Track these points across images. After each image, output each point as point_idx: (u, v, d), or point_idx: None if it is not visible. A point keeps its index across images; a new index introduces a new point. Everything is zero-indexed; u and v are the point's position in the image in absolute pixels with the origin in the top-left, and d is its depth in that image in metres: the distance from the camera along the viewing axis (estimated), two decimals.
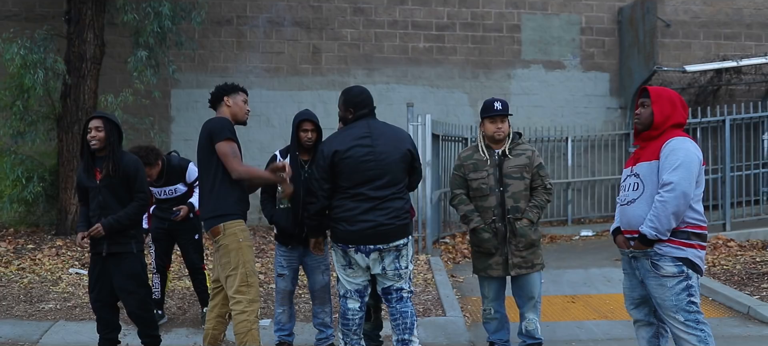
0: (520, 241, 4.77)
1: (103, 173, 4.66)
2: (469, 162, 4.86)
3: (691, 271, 3.85)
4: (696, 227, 3.86)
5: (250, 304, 4.37)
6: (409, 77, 11.37)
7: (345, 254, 4.43)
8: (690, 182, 3.77)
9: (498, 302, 4.95)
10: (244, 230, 4.43)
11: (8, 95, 8.30)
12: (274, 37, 11.12)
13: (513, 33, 11.59)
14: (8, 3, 10.38)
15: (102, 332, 4.85)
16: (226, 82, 4.66)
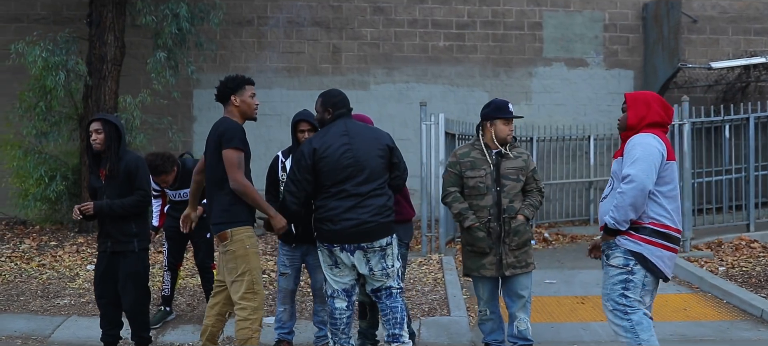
0: (513, 240, 4.76)
1: (106, 172, 4.79)
2: (466, 160, 4.83)
3: (640, 267, 3.88)
4: (659, 225, 3.88)
5: (254, 312, 4.39)
6: (429, 76, 11.36)
7: (330, 253, 4.47)
8: (648, 174, 3.82)
9: (493, 303, 4.94)
10: (251, 237, 4.43)
11: (32, 96, 8.55)
12: (294, 37, 11.22)
13: (534, 31, 11.48)
14: (37, 6, 10.68)
15: (104, 328, 4.99)
16: (229, 76, 4.55)
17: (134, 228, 4.86)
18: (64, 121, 8.91)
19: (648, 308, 4.12)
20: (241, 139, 4.33)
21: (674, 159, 4.00)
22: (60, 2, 10.52)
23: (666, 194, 3.92)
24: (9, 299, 6.67)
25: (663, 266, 3.90)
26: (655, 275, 3.94)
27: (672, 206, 3.93)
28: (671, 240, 3.92)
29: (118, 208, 4.78)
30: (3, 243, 8.64)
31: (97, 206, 4.76)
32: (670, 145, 4.02)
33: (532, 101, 11.48)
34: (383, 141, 4.54)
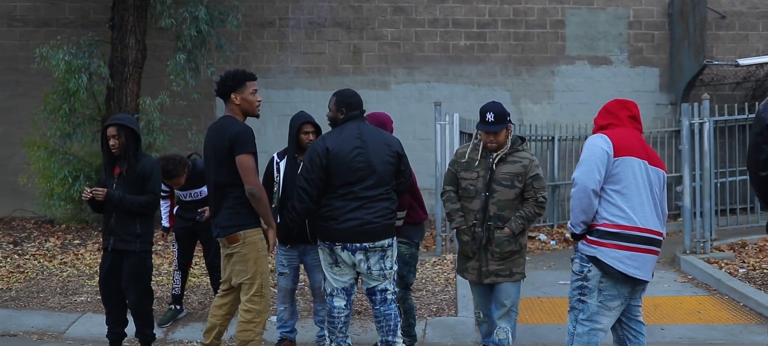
0: (494, 251, 4.54)
1: (122, 171, 4.89)
2: (463, 160, 4.69)
3: (596, 272, 3.81)
4: (612, 225, 3.79)
5: (259, 315, 4.42)
6: (450, 76, 11.32)
7: (331, 252, 4.50)
8: (589, 175, 3.76)
9: (485, 306, 4.79)
10: (262, 239, 4.44)
11: (56, 99, 8.78)
12: (315, 37, 11.29)
13: (557, 29, 11.36)
14: (65, 11, 10.95)
15: (109, 326, 5.11)
16: (229, 72, 4.48)
17: (138, 229, 4.94)
18: (88, 122, 9.13)
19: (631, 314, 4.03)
20: (253, 142, 4.34)
21: (634, 155, 3.82)
22: (87, 6, 10.78)
23: (620, 192, 3.80)
24: (29, 295, 6.87)
25: (623, 266, 3.76)
26: (614, 277, 3.79)
27: (629, 203, 3.79)
28: (628, 239, 3.77)
29: (129, 203, 4.87)
30: (30, 241, 8.90)
31: (110, 194, 4.83)
32: (628, 141, 3.85)
33: (554, 100, 11.36)
34: (393, 148, 4.58)
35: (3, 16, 11.00)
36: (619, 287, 3.83)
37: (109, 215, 4.92)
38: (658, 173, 3.95)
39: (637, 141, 3.91)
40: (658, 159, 4.02)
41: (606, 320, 3.88)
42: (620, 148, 3.79)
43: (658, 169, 3.96)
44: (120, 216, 4.91)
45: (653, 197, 3.88)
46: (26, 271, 7.62)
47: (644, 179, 3.83)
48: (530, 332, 5.89)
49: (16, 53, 10.75)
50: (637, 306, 4.06)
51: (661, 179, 3.96)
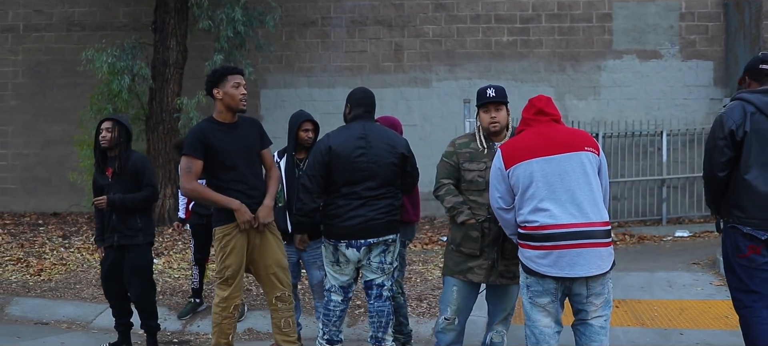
0: (508, 248, 4.21)
1: (115, 170, 5.11)
2: (465, 150, 4.30)
3: (522, 270, 3.87)
4: (523, 227, 3.79)
5: (224, 300, 4.45)
6: (493, 72, 11.19)
7: (335, 249, 4.52)
8: (491, 193, 3.92)
9: (465, 313, 4.41)
10: (227, 235, 4.42)
11: (101, 100, 9.19)
12: (356, 36, 11.38)
13: (603, 22, 11.05)
14: (119, 15, 11.45)
15: (117, 318, 5.34)
16: (217, 67, 4.51)
17: (139, 223, 5.15)
18: (132, 122, 9.49)
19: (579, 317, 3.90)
20: (191, 144, 4.34)
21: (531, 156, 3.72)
22: (138, 10, 11.23)
23: (522, 198, 3.77)
24: (67, 286, 7.23)
25: (535, 266, 3.70)
26: (534, 275, 3.73)
27: (531, 205, 3.70)
28: (536, 239, 3.67)
29: (130, 202, 5.10)
30: (78, 235, 9.36)
31: (110, 200, 5.07)
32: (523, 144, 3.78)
33: (600, 96, 11.05)
34: (399, 149, 4.53)
35: (62, 22, 11.60)
36: (543, 284, 3.74)
37: (108, 214, 5.13)
38: (578, 157, 3.70)
39: (539, 138, 3.76)
40: (579, 142, 3.75)
41: (542, 316, 3.79)
42: (511, 157, 3.78)
43: (579, 154, 3.71)
44: (121, 214, 5.12)
45: (569, 187, 3.67)
46: (68, 263, 8.02)
47: (552, 174, 3.68)
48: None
49: (74, 56, 11.29)
50: (588, 308, 3.81)
51: (582, 162, 3.69)
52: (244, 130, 4.45)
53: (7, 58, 11.77)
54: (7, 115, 11.77)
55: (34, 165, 11.68)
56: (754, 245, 3.80)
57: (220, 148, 4.33)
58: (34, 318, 6.56)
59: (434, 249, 8.78)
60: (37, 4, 11.69)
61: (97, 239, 5.35)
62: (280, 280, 4.54)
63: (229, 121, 4.40)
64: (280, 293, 4.54)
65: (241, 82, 4.34)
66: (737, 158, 3.80)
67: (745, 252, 3.84)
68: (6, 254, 8.43)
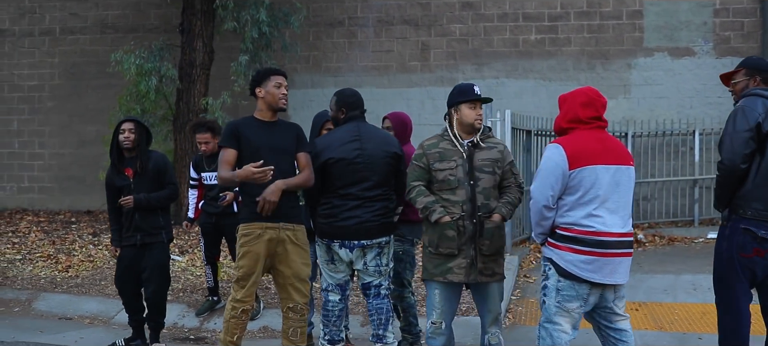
0: (484, 244, 4.17)
1: (136, 170, 5.22)
2: (434, 151, 4.26)
3: (553, 272, 3.79)
4: (568, 229, 3.74)
5: (236, 302, 4.39)
6: (520, 71, 11.08)
7: (328, 249, 4.58)
8: (542, 191, 3.76)
9: (450, 315, 4.34)
10: (246, 235, 4.36)
11: (129, 101, 9.39)
12: (383, 36, 11.38)
13: (634, 20, 10.83)
14: (151, 17, 11.67)
15: (131, 314, 5.46)
16: (260, 69, 4.60)
17: (161, 221, 5.31)
18: (160, 122, 9.69)
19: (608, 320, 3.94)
20: (226, 136, 4.38)
21: (596, 162, 3.72)
22: (170, 12, 11.41)
23: (579, 201, 3.73)
24: (92, 283, 7.40)
25: (577, 270, 3.72)
26: (572, 279, 3.74)
27: (586, 210, 3.71)
28: (585, 244, 3.70)
29: (155, 200, 5.26)
30: (107, 233, 9.54)
31: (136, 200, 5.19)
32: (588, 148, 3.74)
33: (631, 94, 10.84)
34: (392, 149, 4.60)
35: (96, 24, 11.88)
36: (578, 288, 3.75)
37: (129, 214, 5.23)
38: (629, 171, 3.84)
39: (599, 143, 3.78)
40: (628, 156, 3.88)
41: (565, 322, 3.79)
42: (578, 158, 3.71)
43: (629, 168, 3.84)
44: (144, 213, 5.23)
45: (620, 198, 3.77)
46: (95, 260, 8.21)
47: (610, 183, 3.73)
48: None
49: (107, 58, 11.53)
50: (617, 312, 3.90)
51: (630, 177, 3.85)
52: (280, 130, 4.47)
53: (44, 61, 12.11)
54: (44, 116, 12.10)
55: (69, 164, 11.99)
56: (759, 247, 3.79)
57: (250, 142, 4.35)
58: (59, 313, 6.74)
59: None
60: (72, 7, 12.00)
61: (114, 240, 5.42)
62: (297, 291, 4.48)
63: (269, 119, 4.45)
64: (293, 305, 4.49)
65: (282, 83, 4.44)
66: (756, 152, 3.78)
67: (750, 253, 3.82)
68: (37, 251, 8.67)
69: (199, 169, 6.26)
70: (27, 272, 7.84)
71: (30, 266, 8.06)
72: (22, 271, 7.90)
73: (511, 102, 10.67)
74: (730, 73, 4.13)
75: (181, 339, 6.05)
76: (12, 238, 9.43)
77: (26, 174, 12.25)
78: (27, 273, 7.82)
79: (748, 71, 4.00)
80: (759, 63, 4.03)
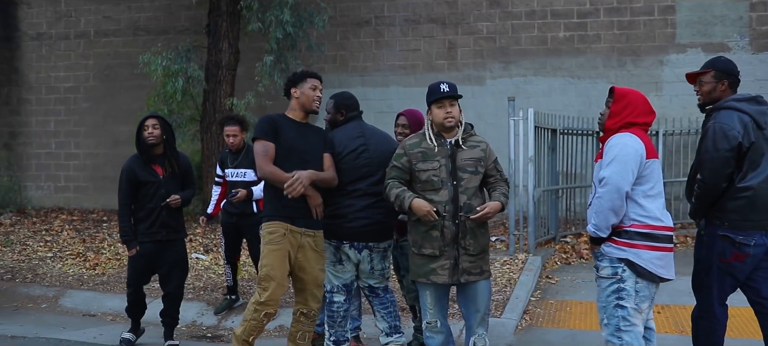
0: (468, 242, 4.13)
1: (167, 170, 5.31)
2: (416, 151, 4.21)
3: (630, 273, 3.65)
4: (642, 226, 3.64)
5: (259, 305, 4.30)
6: (548, 69, 10.93)
7: (337, 250, 4.56)
8: (622, 175, 3.59)
9: (443, 314, 4.32)
10: (272, 232, 4.31)
11: (157, 101, 9.54)
12: (410, 34, 11.35)
13: (666, 15, 10.58)
14: (181, 19, 11.86)
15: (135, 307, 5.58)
16: (296, 72, 4.62)
17: (182, 218, 5.43)
18: (188, 123, 9.83)
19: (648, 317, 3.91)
20: (262, 129, 4.30)
21: (656, 156, 3.75)
22: (199, 14, 11.58)
23: (647, 193, 3.68)
24: (117, 281, 7.55)
25: (654, 267, 3.66)
26: (647, 279, 3.69)
27: (654, 204, 3.69)
28: (658, 239, 3.66)
29: (187, 199, 5.46)
30: None
31: (182, 197, 5.37)
32: (650, 143, 3.75)
33: (662, 92, 10.60)
34: (394, 145, 4.63)
35: (129, 26, 12.13)
36: (651, 288, 3.72)
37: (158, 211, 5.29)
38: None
39: (648, 140, 3.81)
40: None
41: (640, 323, 3.72)
42: (649, 150, 3.71)
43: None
44: (172, 210, 5.33)
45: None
46: (123, 258, 8.36)
47: (661, 178, 3.78)
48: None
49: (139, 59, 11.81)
50: (650, 311, 3.89)
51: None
52: (311, 132, 4.48)
53: (79, 63, 12.41)
54: (80, 116, 12.40)
55: (103, 164, 12.26)
56: (737, 252, 3.89)
57: (287, 139, 4.34)
58: (83, 310, 6.89)
59: None
60: (106, 10, 12.27)
61: (129, 240, 5.32)
62: (313, 297, 4.48)
63: (301, 120, 4.46)
64: (307, 310, 4.50)
65: (318, 86, 4.48)
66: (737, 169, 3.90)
67: (729, 258, 3.92)
68: (68, 249, 8.88)
69: (224, 166, 6.33)
70: (56, 270, 8.04)
71: (59, 264, 8.26)
72: (51, 268, 8.11)
73: (538, 100, 10.54)
74: (698, 73, 4.14)
75: (198, 337, 6.12)
76: (45, 236, 9.68)
77: (62, 174, 12.57)
78: (56, 271, 8.01)
79: (718, 74, 4.03)
80: (728, 66, 4.06)
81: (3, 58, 12.91)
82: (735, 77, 4.04)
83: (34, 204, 12.29)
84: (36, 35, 12.73)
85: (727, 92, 4.01)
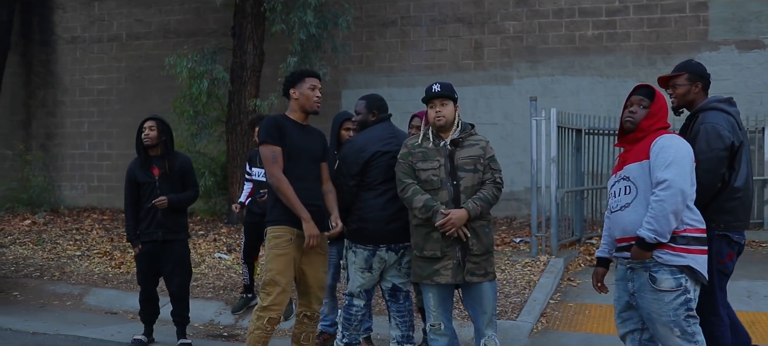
0: (471, 243, 4.09)
1: (161, 170, 5.37)
2: (418, 151, 4.21)
3: (692, 282, 3.52)
4: (695, 230, 3.53)
5: (262, 310, 4.26)
6: (576, 68, 10.75)
7: (371, 256, 4.45)
8: (685, 178, 3.48)
9: (446, 315, 4.27)
10: (278, 237, 4.26)
11: (183, 102, 9.67)
12: (436, 34, 11.29)
13: (698, 12, 10.32)
14: (210, 21, 12.00)
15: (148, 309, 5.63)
16: (295, 70, 4.57)
17: (182, 220, 5.43)
18: (214, 124, 9.94)
19: None
20: (271, 133, 4.23)
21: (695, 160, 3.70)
22: (228, 17, 11.68)
23: (692, 196, 3.60)
24: None
25: (705, 272, 3.57)
26: (699, 284, 3.58)
27: (696, 205, 3.63)
28: (705, 243, 3.59)
29: (184, 200, 5.43)
30: None
31: (170, 199, 5.37)
32: None
33: None
34: None
35: (160, 29, 12.32)
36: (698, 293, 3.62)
37: (151, 212, 5.37)
38: None
39: None
40: None
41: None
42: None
43: None
44: (168, 211, 5.37)
45: None
46: None
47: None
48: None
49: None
50: None
51: None
52: (312, 135, 4.44)
53: (112, 65, 12.67)
54: (112, 118, 12.65)
55: None
56: (731, 251, 3.88)
57: (293, 141, 4.28)
58: (106, 308, 7.02)
59: (505, 250, 8.56)
60: (137, 13, 12.49)
61: (131, 237, 5.50)
62: (317, 299, 4.47)
63: (302, 121, 4.39)
64: (311, 313, 4.47)
65: (317, 85, 4.38)
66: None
67: (725, 258, 3.89)
68: (96, 248, 9.06)
69: (252, 164, 6.38)
70: (83, 268, 8.21)
71: (87, 262, 8.43)
72: (79, 266, 8.28)
73: (566, 100, 10.39)
74: (670, 76, 4.12)
75: (215, 336, 6.18)
76: (75, 235, 9.90)
77: (96, 174, 12.85)
78: (83, 269, 8.18)
79: (692, 76, 4.04)
80: (700, 69, 4.07)
81: (40, 62, 13.25)
82: (707, 79, 4.07)
83: (67, 204, 12.57)
84: (71, 39, 13.02)
85: (700, 94, 4.03)
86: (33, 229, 10.47)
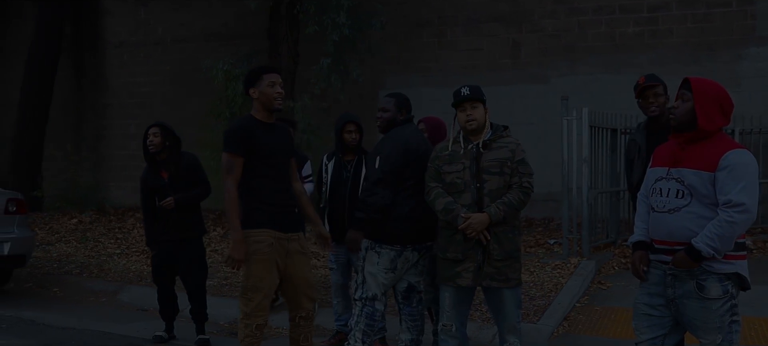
0: (493, 248, 4.04)
1: (170, 173, 5.49)
2: (445, 153, 4.19)
3: (737, 288, 3.39)
4: (741, 236, 3.39)
5: (247, 317, 4.15)
6: (616, 66, 10.49)
7: (399, 255, 4.39)
8: (756, 203, 3.35)
9: (461, 318, 4.23)
10: (258, 242, 4.09)
11: (219, 105, 9.85)
12: (472, 34, 11.18)
13: (745, 6, 9.94)
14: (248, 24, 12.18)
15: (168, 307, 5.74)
16: (253, 67, 4.38)
17: (196, 217, 5.53)
18: None
19: None
20: (234, 141, 4.09)
21: None
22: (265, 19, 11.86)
23: None
24: None
25: (747, 276, 3.43)
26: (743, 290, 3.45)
27: None
28: (746, 248, 3.49)
29: (193, 199, 5.51)
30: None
31: (177, 199, 5.46)
32: None
33: (741, 87, 9.93)
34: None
35: (199, 34, 12.58)
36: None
37: (165, 213, 5.48)
38: None
39: None
40: None
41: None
42: None
43: None
44: (179, 211, 5.48)
45: None
46: None
47: None
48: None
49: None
50: None
51: None
52: (280, 132, 4.34)
53: (156, 69, 12.99)
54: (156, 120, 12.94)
55: None
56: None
57: (263, 143, 4.14)
58: (138, 305, 7.20)
59: (538, 252, 8.42)
60: (181, 18, 12.78)
61: (150, 242, 5.66)
62: (308, 298, 4.36)
63: (267, 120, 4.24)
64: (305, 313, 4.37)
65: (276, 81, 4.20)
66: None
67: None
68: (135, 246, 9.31)
69: None
70: (120, 266, 8.44)
71: (125, 260, 8.67)
72: (117, 264, 8.52)
73: (605, 99, 10.12)
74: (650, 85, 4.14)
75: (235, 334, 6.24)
76: (117, 234, 10.19)
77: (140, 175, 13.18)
78: (120, 267, 8.41)
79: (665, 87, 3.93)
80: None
81: (90, 66, 13.69)
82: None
83: (113, 203, 12.94)
84: (118, 43, 13.42)
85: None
86: (79, 227, 10.83)
